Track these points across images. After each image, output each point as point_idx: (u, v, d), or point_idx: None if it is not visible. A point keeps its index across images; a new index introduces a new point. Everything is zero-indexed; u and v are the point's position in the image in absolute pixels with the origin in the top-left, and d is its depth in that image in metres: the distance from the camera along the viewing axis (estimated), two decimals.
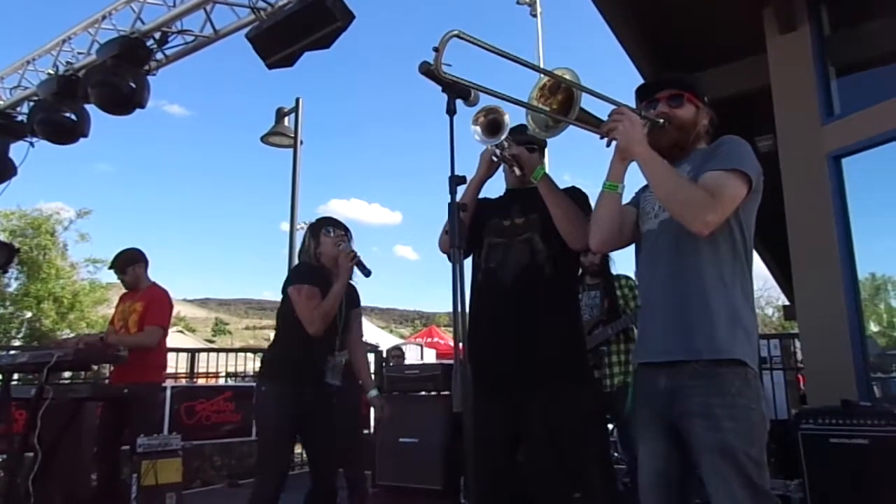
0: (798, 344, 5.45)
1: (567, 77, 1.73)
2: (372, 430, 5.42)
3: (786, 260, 4.91)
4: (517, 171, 2.17)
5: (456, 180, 1.52)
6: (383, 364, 6.28)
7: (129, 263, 4.15)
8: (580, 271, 3.36)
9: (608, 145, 1.70)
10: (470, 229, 2.16)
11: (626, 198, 1.86)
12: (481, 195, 2.25)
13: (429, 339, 16.37)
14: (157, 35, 4.34)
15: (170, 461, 3.30)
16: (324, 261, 2.96)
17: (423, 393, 4.89)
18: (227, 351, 7.56)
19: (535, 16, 10.75)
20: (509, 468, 2.17)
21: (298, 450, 7.04)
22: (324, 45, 3.58)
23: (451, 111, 1.56)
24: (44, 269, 18.44)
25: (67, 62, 4.69)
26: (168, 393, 5.27)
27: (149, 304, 4.05)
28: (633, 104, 1.81)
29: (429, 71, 1.47)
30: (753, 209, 1.69)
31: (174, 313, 4.37)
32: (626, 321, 3.40)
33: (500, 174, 2.31)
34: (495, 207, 2.27)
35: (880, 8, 4.57)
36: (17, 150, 5.40)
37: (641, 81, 6.12)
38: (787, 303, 12.99)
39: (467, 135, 1.96)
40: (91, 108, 4.69)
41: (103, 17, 4.50)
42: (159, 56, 4.46)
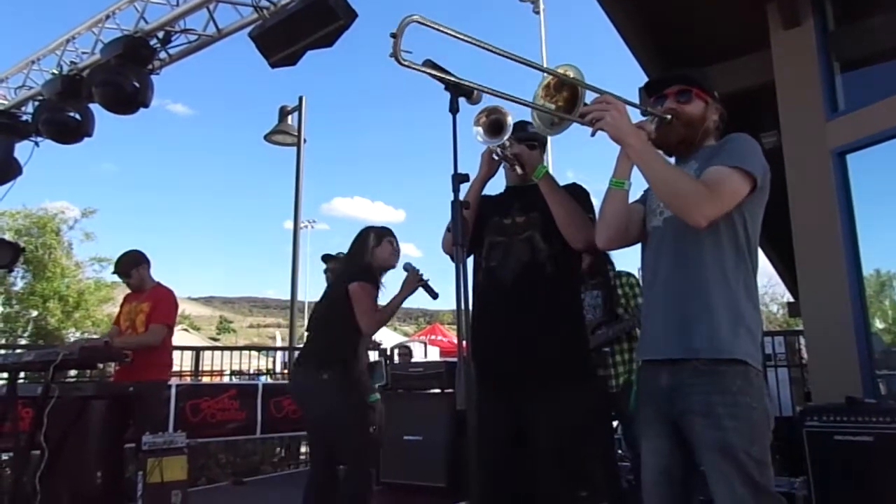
0: (803, 341, 5.44)
1: (570, 74, 1.73)
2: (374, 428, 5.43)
3: (790, 257, 4.89)
4: (518, 170, 2.16)
5: (459, 178, 1.52)
6: (387, 361, 6.29)
7: (133, 266, 4.17)
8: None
9: (593, 135, 1.65)
10: (472, 228, 2.16)
11: (636, 195, 1.86)
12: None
13: (432, 337, 16.39)
14: (161, 34, 4.35)
15: (175, 459, 3.31)
16: (376, 263, 3.06)
17: (427, 391, 4.89)
18: (232, 349, 7.58)
19: (537, 13, 10.75)
20: (511, 467, 2.17)
21: (304, 448, 7.08)
22: (327, 44, 3.58)
23: (453, 109, 1.55)
24: (49, 269, 18.49)
25: (71, 62, 4.71)
26: (173, 391, 5.29)
27: (155, 304, 4.08)
28: (636, 100, 1.80)
29: (432, 67, 1.47)
30: (759, 207, 1.67)
31: (179, 312, 4.39)
32: (626, 325, 3.38)
33: (500, 171, 2.31)
34: (496, 205, 2.26)
35: (885, 3, 4.55)
36: (22, 150, 5.43)
37: (645, 78, 6.13)
38: (791, 300, 12.94)
39: (471, 132, 1.97)
40: (95, 108, 4.71)
41: (107, 17, 4.51)
42: (163, 55, 4.47)
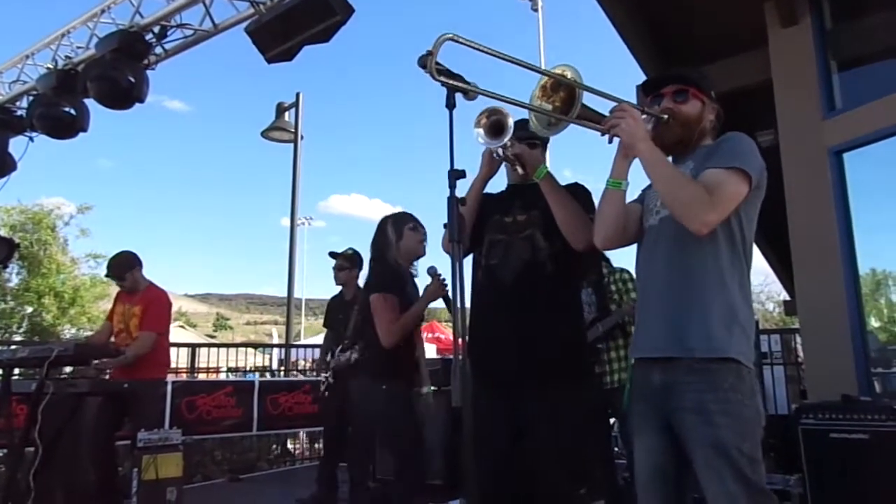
0: (798, 339, 5.46)
1: (568, 75, 1.72)
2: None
3: (787, 255, 4.90)
4: (519, 170, 2.16)
5: (455, 174, 1.52)
6: None
7: (127, 269, 4.11)
8: None
9: (610, 142, 1.69)
10: (472, 226, 2.15)
11: (633, 194, 1.86)
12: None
13: (430, 335, 16.35)
14: (157, 29, 4.32)
15: (170, 456, 3.30)
16: (402, 258, 2.94)
17: None
18: (228, 346, 7.57)
19: (535, 10, 10.74)
20: (511, 465, 2.17)
21: (295, 445, 7.08)
22: (323, 39, 3.57)
23: (450, 105, 1.55)
24: (44, 265, 18.42)
25: (66, 56, 4.68)
26: (169, 388, 5.27)
27: (146, 308, 4.02)
28: (634, 100, 1.79)
29: (427, 65, 1.47)
30: (755, 206, 1.67)
31: (176, 308, 4.37)
32: (615, 317, 3.39)
33: (501, 169, 2.30)
34: (496, 204, 2.26)
35: (882, 2, 4.55)
36: (16, 145, 5.40)
37: (643, 76, 6.12)
38: (787, 298, 12.98)
39: (468, 128, 1.96)
40: (90, 103, 4.68)
41: (102, 11, 4.49)
42: (158, 50, 4.44)
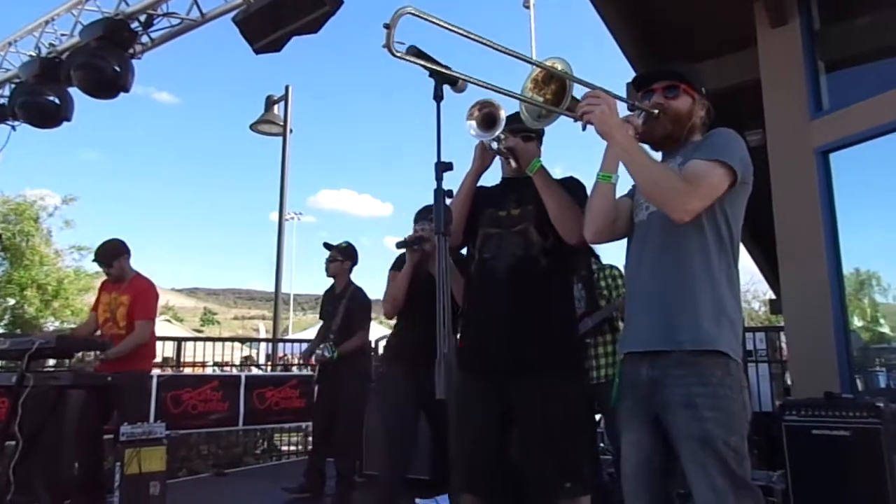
0: (783, 337, 5.50)
1: (559, 67, 1.72)
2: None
3: (773, 254, 4.94)
4: (513, 164, 2.15)
5: (442, 166, 1.50)
6: (371, 354, 6.27)
7: (115, 256, 4.08)
8: None
9: (583, 129, 1.67)
10: (465, 219, 2.15)
11: (623, 189, 1.86)
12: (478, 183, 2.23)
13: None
14: (143, 17, 4.26)
15: (154, 449, 3.26)
16: None
17: None
18: (214, 340, 7.52)
19: (527, 7, 10.73)
20: (499, 457, 2.17)
21: (289, 437, 7.05)
22: (312, 30, 3.53)
23: (438, 97, 1.53)
24: (27, 256, 18.16)
25: (50, 44, 4.61)
26: (154, 382, 5.23)
27: (135, 298, 4.00)
28: (625, 97, 1.79)
29: (416, 54, 1.45)
30: (741, 201, 1.68)
31: (163, 303, 4.33)
32: (605, 311, 3.41)
33: (496, 163, 2.29)
34: (491, 197, 2.26)
35: (870, 3, 4.59)
36: None
37: (632, 74, 6.11)
38: (773, 297, 13.10)
39: (457, 122, 1.95)
40: (75, 92, 4.61)
41: None
42: (144, 39, 4.38)
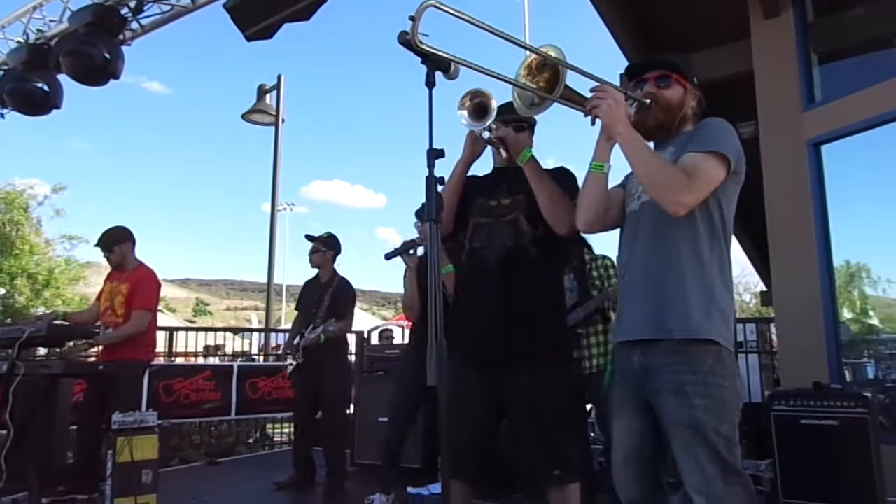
0: (773, 329, 5.55)
1: (552, 54, 1.72)
2: (352, 410, 5.44)
3: (764, 245, 4.97)
4: (503, 154, 2.15)
5: (434, 154, 1.50)
6: (364, 344, 6.29)
7: (117, 242, 4.06)
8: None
9: (592, 123, 1.70)
10: (456, 208, 2.15)
11: (617, 179, 1.87)
12: (468, 172, 2.22)
13: (407, 323, 16.33)
14: (133, 3, 4.22)
15: (146, 438, 3.25)
16: None
17: None
18: (207, 330, 7.49)
19: None
20: (489, 445, 2.19)
21: (282, 427, 7.05)
22: (303, 17, 3.50)
23: (430, 83, 1.53)
24: (17, 246, 17.99)
25: (38, 30, 4.55)
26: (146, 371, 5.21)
27: (135, 287, 3.98)
28: (618, 84, 1.80)
29: (407, 42, 1.44)
30: (734, 191, 1.69)
31: None
32: (596, 301, 3.42)
33: (488, 152, 2.29)
34: (482, 186, 2.26)
35: None
36: None
37: (626, 64, 6.09)
38: (764, 289, 13.19)
39: (450, 109, 1.94)
40: (64, 80, 4.56)
41: None
42: (134, 26, 4.33)
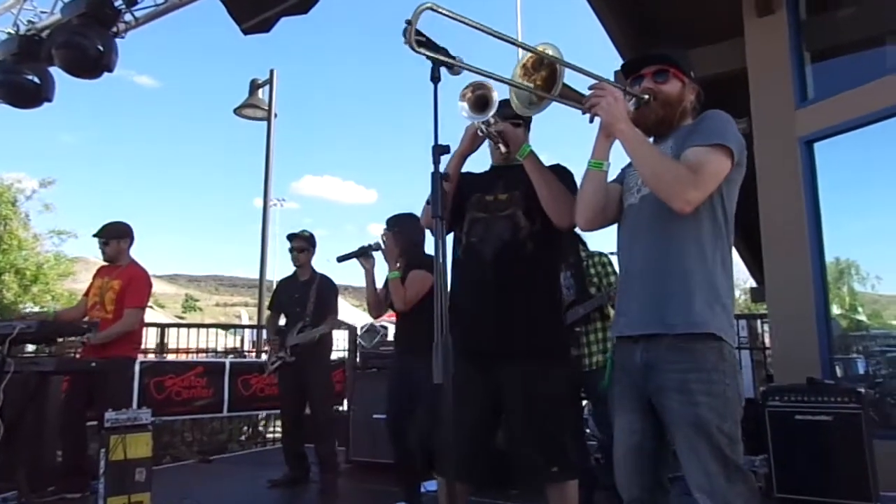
0: (764, 325, 5.59)
1: (549, 52, 1.71)
2: (345, 406, 5.42)
3: (756, 242, 5.01)
4: (503, 148, 2.14)
5: (440, 149, 1.49)
6: (356, 341, 6.26)
7: (117, 236, 4.05)
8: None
9: (591, 121, 1.69)
10: (452, 203, 2.14)
11: (612, 174, 1.86)
12: (464, 170, 2.22)
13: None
14: None
15: (139, 436, 3.22)
16: None
17: None
18: (199, 326, 7.43)
19: None
20: (486, 440, 2.18)
21: (274, 424, 7.02)
22: (302, 11, 3.46)
23: (435, 79, 1.52)
24: (5, 241, 17.76)
25: (29, 21, 4.48)
26: (137, 368, 5.17)
27: (127, 284, 3.96)
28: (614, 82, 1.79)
29: (415, 42, 1.43)
30: (736, 182, 1.68)
31: None
32: (597, 300, 3.42)
33: (484, 152, 2.28)
34: (479, 182, 2.25)
35: None
36: None
37: (620, 62, 6.10)
38: (754, 285, 13.29)
39: (448, 105, 1.93)
40: (55, 72, 4.49)
41: None
42: (128, 17, 4.26)
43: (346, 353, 6.04)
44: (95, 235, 4.09)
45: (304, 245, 4.41)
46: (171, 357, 6.56)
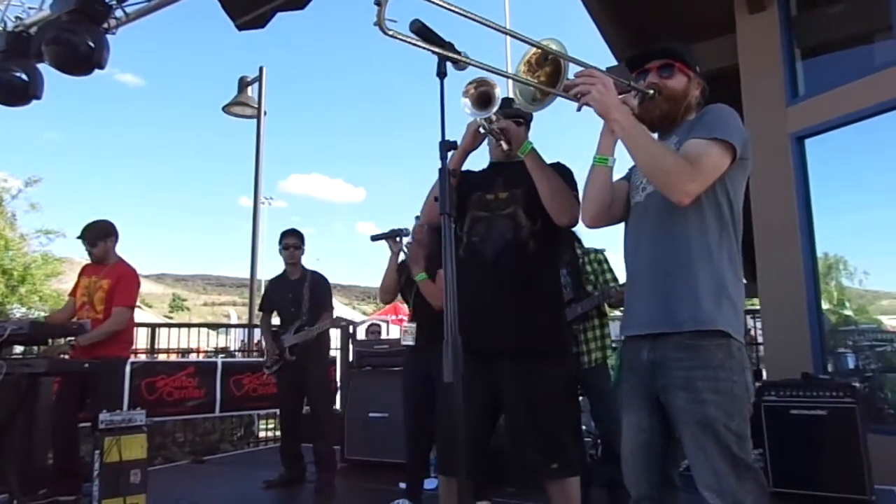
0: (755, 321, 5.62)
1: (553, 48, 1.69)
2: (339, 406, 5.40)
3: (747, 238, 5.03)
4: (504, 146, 2.13)
5: (447, 145, 1.47)
6: (350, 340, 6.23)
7: (101, 237, 3.96)
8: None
9: (578, 109, 1.63)
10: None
11: (621, 172, 1.85)
12: (464, 168, 2.20)
13: (393, 317, 16.35)
14: None
15: (134, 437, 3.19)
16: None
17: (393, 368, 4.87)
18: (190, 326, 7.37)
19: None
20: (486, 438, 2.18)
21: (267, 424, 6.98)
22: (298, 6, 3.42)
23: (441, 73, 1.50)
24: None
25: (17, 17, 4.40)
26: (127, 368, 5.11)
27: (116, 283, 3.90)
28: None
29: (419, 29, 1.41)
30: (742, 177, 1.66)
31: None
32: (595, 300, 3.42)
33: (483, 148, 2.27)
34: (479, 180, 2.24)
35: None
36: None
37: (613, 61, 6.10)
38: (744, 281, 13.40)
39: (447, 103, 1.91)
40: (44, 69, 4.42)
41: None
42: (119, 13, 4.20)
43: (339, 350, 6.01)
44: (79, 238, 4.01)
45: (299, 243, 4.39)
46: (162, 357, 6.50)
